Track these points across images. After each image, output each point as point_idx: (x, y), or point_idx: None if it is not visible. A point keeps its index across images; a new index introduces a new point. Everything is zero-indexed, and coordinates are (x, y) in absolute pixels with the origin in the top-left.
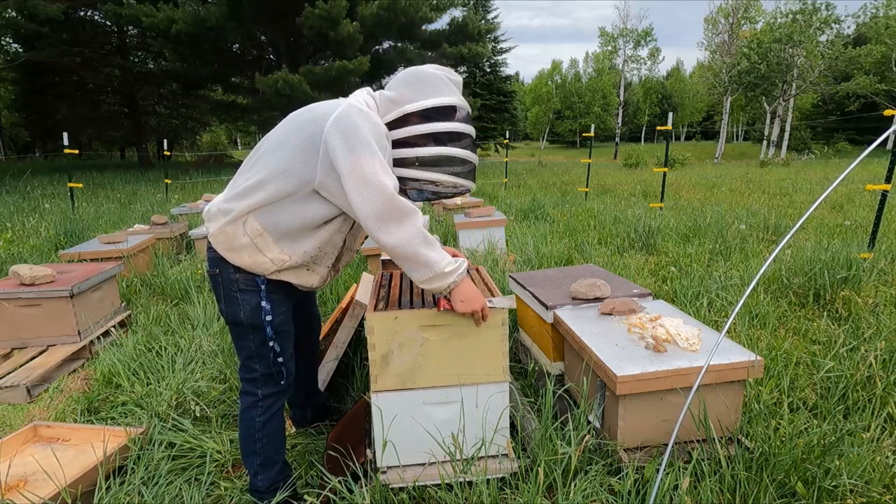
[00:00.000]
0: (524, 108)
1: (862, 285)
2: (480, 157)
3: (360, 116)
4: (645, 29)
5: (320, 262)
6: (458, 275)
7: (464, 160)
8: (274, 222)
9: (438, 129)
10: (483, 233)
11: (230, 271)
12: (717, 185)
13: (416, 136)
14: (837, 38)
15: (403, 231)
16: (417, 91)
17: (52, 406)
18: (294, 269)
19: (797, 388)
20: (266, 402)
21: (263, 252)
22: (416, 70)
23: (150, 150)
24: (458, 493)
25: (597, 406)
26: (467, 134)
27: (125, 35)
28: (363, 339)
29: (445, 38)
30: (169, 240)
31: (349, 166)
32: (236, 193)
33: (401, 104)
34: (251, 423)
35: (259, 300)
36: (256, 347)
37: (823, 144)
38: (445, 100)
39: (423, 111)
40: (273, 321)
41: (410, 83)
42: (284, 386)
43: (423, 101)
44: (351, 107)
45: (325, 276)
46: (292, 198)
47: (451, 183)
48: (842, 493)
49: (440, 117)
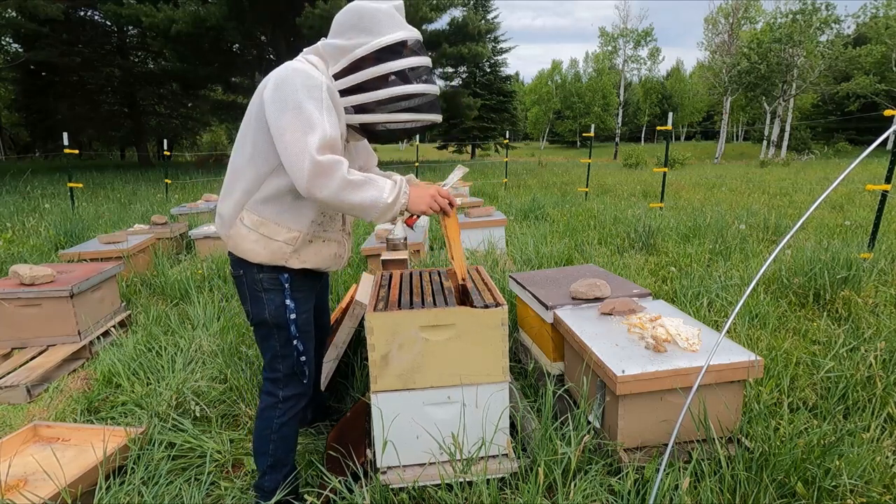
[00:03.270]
0: (524, 108)
1: (862, 285)
2: (480, 157)
3: (294, 74)
4: (645, 29)
5: (329, 226)
6: (402, 193)
7: (423, 93)
8: (268, 206)
9: (391, 69)
10: (483, 233)
11: (254, 271)
12: (717, 185)
13: (371, 80)
14: (837, 38)
15: (331, 185)
16: (363, 31)
17: (52, 406)
18: (311, 246)
19: (797, 388)
20: (286, 405)
21: (274, 238)
22: (356, 8)
23: (150, 150)
24: (458, 493)
25: (597, 406)
26: (422, 66)
27: (125, 35)
28: (363, 339)
29: (445, 38)
30: (169, 240)
31: (276, 128)
32: (223, 195)
33: (349, 50)
34: (268, 424)
35: (284, 298)
36: (281, 347)
37: (823, 144)
38: (392, 36)
39: (373, 53)
40: (297, 320)
41: (354, 24)
42: (305, 388)
43: (371, 43)
44: (286, 68)
45: (342, 240)
46: (272, 175)
47: (417, 119)
48: (842, 493)
49: (391, 56)
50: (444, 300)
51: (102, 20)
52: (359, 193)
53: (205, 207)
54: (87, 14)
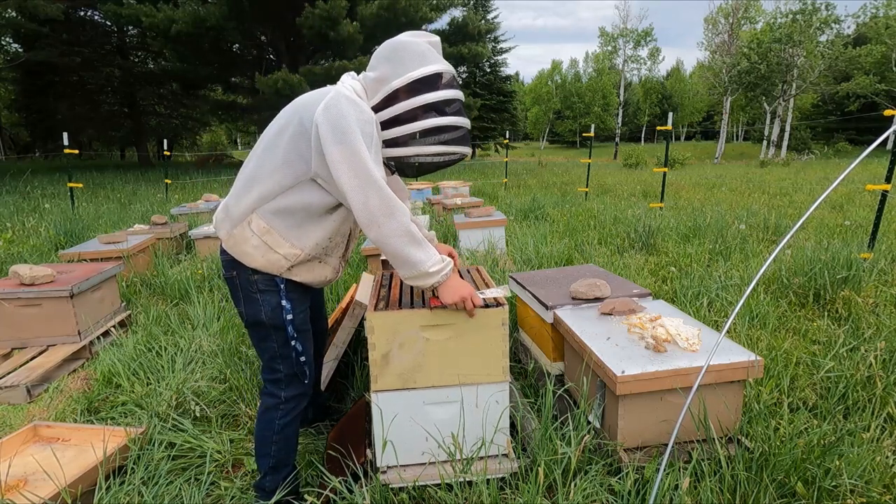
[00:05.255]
0: (524, 108)
1: (862, 285)
2: (480, 157)
3: (348, 104)
4: (645, 29)
5: (331, 252)
6: (442, 275)
7: (456, 126)
8: (279, 217)
9: (426, 101)
10: (483, 233)
11: (248, 273)
12: (717, 185)
13: (406, 112)
14: (837, 38)
15: (390, 225)
16: (398, 65)
17: (52, 406)
18: (307, 264)
19: (797, 388)
20: (288, 406)
21: (275, 249)
22: (393, 43)
23: (150, 150)
24: (458, 493)
25: (597, 406)
26: (456, 99)
27: (125, 35)
28: (363, 339)
29: (445, 38)
30: (169, 240)
31: (338, 156)
32: (237, 194)
33: (385, 82)
34: (269, 425)
35: (279, 299)
36: (279, 348)
37: (823, 144)
38: (428, 69)
39: (408, 85)
40: (294, 320)
41: (390, 58)
42: (307, 388)
43: (407, 75)
44: (339, 94)
45: (337, 268)
46: (293, 189)
47: (448, 152)
48: (842, 493)
49: (426, 88)
50: None
51: (102, 20)
52: (415, 249)
53: (205, 207)
54: (87, 14)
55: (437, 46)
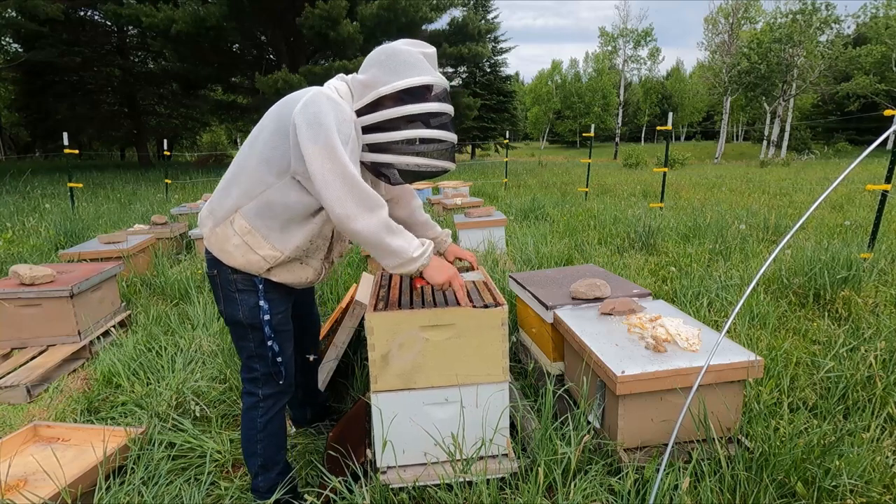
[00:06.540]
0: (524, 108)
1: (862, 285)
2: (480, 157)
3: (327, 103)
4: (645, 29)
5: (313, 254)
6: (426, 257)
7: (441, 140)
8: (261, 218)
9: (412, 112)
10: (483, 233)
11: (228, 272)
12: (717, 185)
13: (390, 120)
14: (837, 38)
15: (369, 220)
16: (389, 71)
17: (52, 406)
18: (287, 265)
19: (797, 388)
20: (267, 403)
21: (255, 250)
22: (387, 49)
23: (151, 149)
24: (457, 493)
25: (597, 406)
26: (442, 112)
27: (125, 35)
28: (363, 339)
29: (445, 38)
30: (169, 240)
31: (314, 152)
32: (221, 192)
33: (373, 87)
34: (252, 424)
35: (257, 300)
36: (256, 347)
37: (823, 144)
38: (418, 80)
39: (396, 93)
40: (271, 320)
41: (382, 63)
42: (284, 386)
43: (396, 83)
44: (319, 93)
45: (320, 269)
46: (273, 189)
47: (429, 165)
48: (842, 493)
49: (413, 99)
50: (445, 300)
51: (102, 20)
52: (394, 238)
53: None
54: (87, 14)
55: (431, 58)
